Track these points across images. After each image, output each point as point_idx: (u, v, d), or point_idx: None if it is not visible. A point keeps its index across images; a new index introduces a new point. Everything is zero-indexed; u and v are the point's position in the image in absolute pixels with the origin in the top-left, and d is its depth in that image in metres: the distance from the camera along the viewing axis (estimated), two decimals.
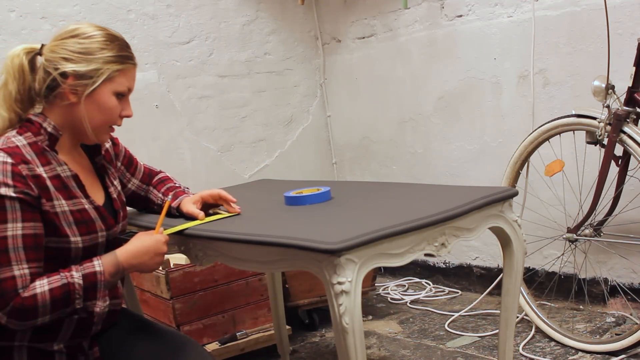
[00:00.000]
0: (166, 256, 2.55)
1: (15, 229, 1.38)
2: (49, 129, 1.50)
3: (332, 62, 3.94)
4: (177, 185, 1.89)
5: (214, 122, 3.58)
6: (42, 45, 1.53)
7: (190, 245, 1.71)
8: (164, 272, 2.53)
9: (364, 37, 3.72)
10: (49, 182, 1.45)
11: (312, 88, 3.98)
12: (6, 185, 1.38)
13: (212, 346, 2.60)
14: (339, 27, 3.85)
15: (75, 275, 1.44)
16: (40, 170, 1.45)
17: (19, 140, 1.46)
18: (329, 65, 3.96)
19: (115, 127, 1.60)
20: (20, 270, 1.38)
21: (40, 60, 1.52)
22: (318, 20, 3.95)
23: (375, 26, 3.63)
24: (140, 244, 1.55)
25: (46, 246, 1.45)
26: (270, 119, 3.79)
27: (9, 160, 1.40)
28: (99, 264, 1.48)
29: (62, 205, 1.47)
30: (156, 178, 1.89)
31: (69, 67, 1.48)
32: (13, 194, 1.38)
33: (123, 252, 1.53)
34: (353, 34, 3.77)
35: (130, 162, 1.83)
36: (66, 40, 1.50)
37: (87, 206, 1.52)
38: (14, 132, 1.48)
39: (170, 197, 1.83)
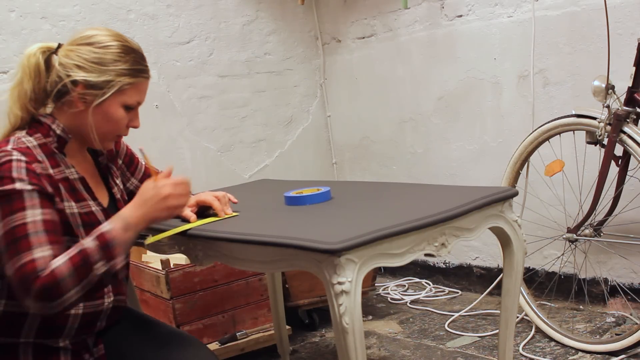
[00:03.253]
0: (166, 256, 2.57)
1: (34, 215, 1.38)
2: (58, 131, 1.51)
3: (332, 62, 3.94)
4: None
5: (214, 122, 3.58)
6: (59, 45, 1.53)
7: (190, 245, 1.71)
8: (164, 272, 2.53)
9: (364, 37, 3.72)
10: (59, 184, 1.47)
11: (312, 88, 3.97)
12: (21, 180, 1.38)
13: (212, 346, 2.60)
14: (339, 27, 3.85)
15: (86, 240, 1.42)
16: (51, 172, 1.46)
17: (30, 142, 1.47)
18: (329, 65, 3.96)
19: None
20: (42, 252, 1.36)
21: (55, 59, 1.51)
22: (318, 20, 3.95)
23: (375, 26, 3.63)
24: (139, 193, 1.52)
25: None
26: (270, 119, 3.79)
27: (23, 158, 1.41)
28: (106, 225, 1.46)
29: (72, 207, 1.48)
30: None
31: (80, 76, 1.48)
32: (29, 187, 1.38)
33: (125, 207, 1.51)
34: (353, 34, 3.78)
35: (131, 161, 1.83)
36: (81, 47, 1.50)
37: (94, 208, 1.54)
38: (23, 133, 1.49)
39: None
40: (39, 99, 1.51)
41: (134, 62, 1.53)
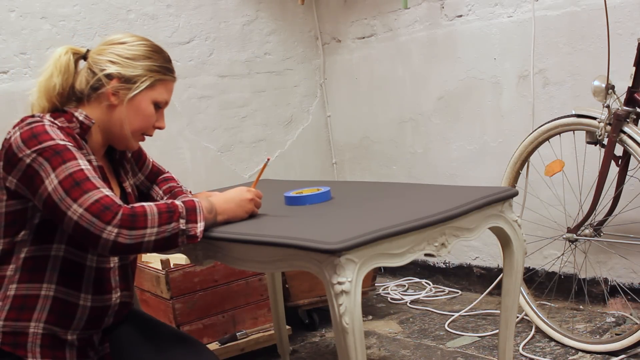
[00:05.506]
0: (166, 256, 2.57)
1: (86, 165, 1.44)
2: (81, 118, 1.55)
3: (332, 62, 3.94)
4: (178, 185, 1.90)
5: (214, 122, 3.58)
6: (88, 51, 1.60)
7: (190, 245, 1.71)
8: (164, 272, 2.53)
9: (364, 37, 3.72)
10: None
11: (312, 88, 3.97)
12: (60, 139, 1.45)
13: (212, 346, 2.60)
14: (339, 27, 3.85)
15: (176, 201, 1.51)
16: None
17: (54, 122, 1.51)
18: (329, 65, 3.96)
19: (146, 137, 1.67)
20: (109, 192, 1.42)
21: (82, 64, 1.59)
22: (318, 20, 3.95)
23: (375, 26, 3.63)
24: (225, 192, 1.64)
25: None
26: (270, 119, 3.79)
27: (54, 123, 1.48)
28: (195, 198, 1.56)
29: None
30: (161, 177, 1.92)
31: (114, 70, 1.55)
32: (70, 144, 1.45)
33: (215, 195, 1.62)
34: (353, 34, 3.77)
35: (139, 156, 1.85)
36: (114, 46, 1.58)
37: None
38: (47, 116, 1.52)
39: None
40: (64, 94, 1.56)
41: (164, 61, 1.62)
